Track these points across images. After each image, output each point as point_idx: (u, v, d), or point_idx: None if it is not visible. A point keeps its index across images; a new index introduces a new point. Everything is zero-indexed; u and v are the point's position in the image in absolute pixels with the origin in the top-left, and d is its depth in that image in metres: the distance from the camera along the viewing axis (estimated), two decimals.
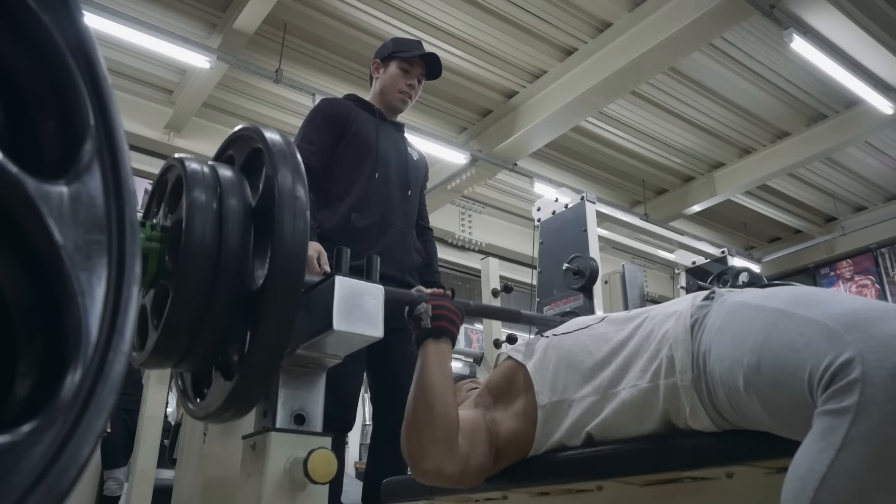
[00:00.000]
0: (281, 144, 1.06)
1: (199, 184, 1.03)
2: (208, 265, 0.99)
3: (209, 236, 1.00)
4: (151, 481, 2.38)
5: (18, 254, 0.32)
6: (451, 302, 1.32)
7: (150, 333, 1.12)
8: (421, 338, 1.27)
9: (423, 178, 2.39)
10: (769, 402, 0.83)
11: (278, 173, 1.01)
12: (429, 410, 1.15)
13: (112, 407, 0.34)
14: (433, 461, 1.13)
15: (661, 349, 1.00)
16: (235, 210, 1.03)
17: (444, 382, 1.19)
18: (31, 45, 0.34)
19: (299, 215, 1.00)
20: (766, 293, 0.93)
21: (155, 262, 1.05)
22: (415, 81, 2.26)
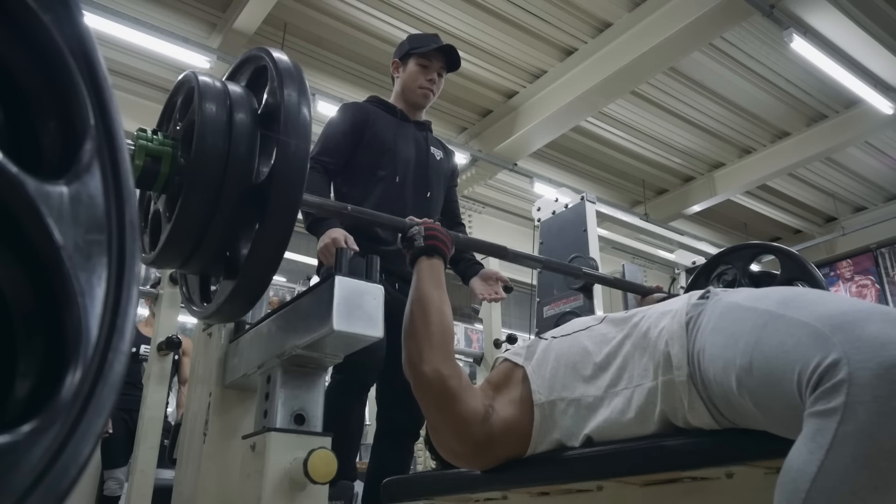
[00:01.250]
0: (285, 61, 1.13)
1: (210, 90, 1.10)
2: (218, 160, 1.05)
3: (219, 134, 1.06)
4: (151, 481, 2.38)
5: (18, 254, 0.32)
6: (441, 227, 1.41)
7: (162, 226, 1.15)
8: (415, 256, 1.34)
9: (449, 178, 2.34)
10: (762, 403, 0.84)
11: (284, 85, 1.08)
12: (425, 317, 1.23)
13: (112, 407, 0.34)
14: (431, 364, 1.18)
15: (658, 346, 1.01)
16: (243, 113, 1.10)
17: (439, 293, 1.27)
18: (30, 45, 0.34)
19: (302, 119, 1.06)
20: (759, 294, 0.94)
21: (168, 163, 1.10)
22: (434, 76, 2.23)
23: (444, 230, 1.40)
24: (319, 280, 1.31)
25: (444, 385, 1.17)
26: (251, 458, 1.31)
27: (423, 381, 1.19)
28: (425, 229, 1.36)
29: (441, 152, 2.31)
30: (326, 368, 1.42)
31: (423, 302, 1.25)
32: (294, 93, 1.08)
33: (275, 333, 1.41)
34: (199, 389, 1.75)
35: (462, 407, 1.17)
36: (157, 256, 1.16)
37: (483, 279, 2.16)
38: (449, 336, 1.23)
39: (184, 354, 4.00)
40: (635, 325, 1.10)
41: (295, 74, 1.11)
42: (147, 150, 1.10)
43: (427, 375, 1.18)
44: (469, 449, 1.20)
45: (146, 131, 1.13)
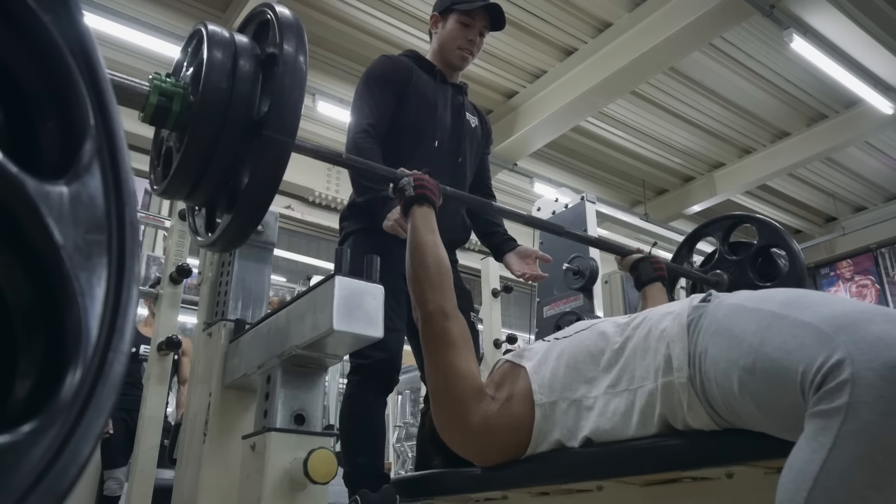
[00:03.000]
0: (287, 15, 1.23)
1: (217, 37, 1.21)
2: (222, 97, 1.15)
3: (224, 75, 1.17)
4: (151, 481, 2.38)
5: (18, 254, 0.32)
6: (429, 178, 1.48)
7: (173, 157, 1.23)
8: (407, 205, 1.43)
9: (483, 145, 2.19)
10: (763, 404, 0.84)
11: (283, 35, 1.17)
12: (423, 262, 1.32)
13: (112, 407, 0.34)
14: (435, 301, 1.27)
15: (659, 348, 1.01)
16: (246, 58, 1.21)
17: (433, 239, 1.37)
18: (30, 45, 0.34)
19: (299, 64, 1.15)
20: (761, 295, 0.94)
21: (179, 102, 1.19)
22: (476, 36, 2.03)
23: (432, 181, 1.47)
24: (320, 280, 1.31)
25: (446, 325, 1.24)
26: (251, 458, 1.31)
27: (427, 318, 1.26)
28: (414, 180, 1.44)
29: (476, 118, 2.15)
30: (326, 368, 1.41)
31: (420, 247, 1.34)
32: (292, 41, 1.17)
33: (275, 333, 1.41)
34: (199, 389, 1.75)
35: (459, 355, 1.22)
36: (167, 186, 1.24)
37: (520, 256, 2.05)
38: (447, 277, 1.32)
39: (184, 354, 4.01)
40: (636, 326, 1.10)
41: (294, 26, 1.20)
42: (161, 90, 1.18)
43: (431, 313, 1.26)
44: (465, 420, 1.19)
45: (160, 74, 1.21)
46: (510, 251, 2.08)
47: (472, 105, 2.19)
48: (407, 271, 1.34)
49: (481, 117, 2.20)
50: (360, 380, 1.77)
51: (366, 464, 1.71)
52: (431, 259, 1.32)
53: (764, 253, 2.25)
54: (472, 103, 2.20)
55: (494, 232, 2.15)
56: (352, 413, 1.78)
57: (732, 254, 2.29)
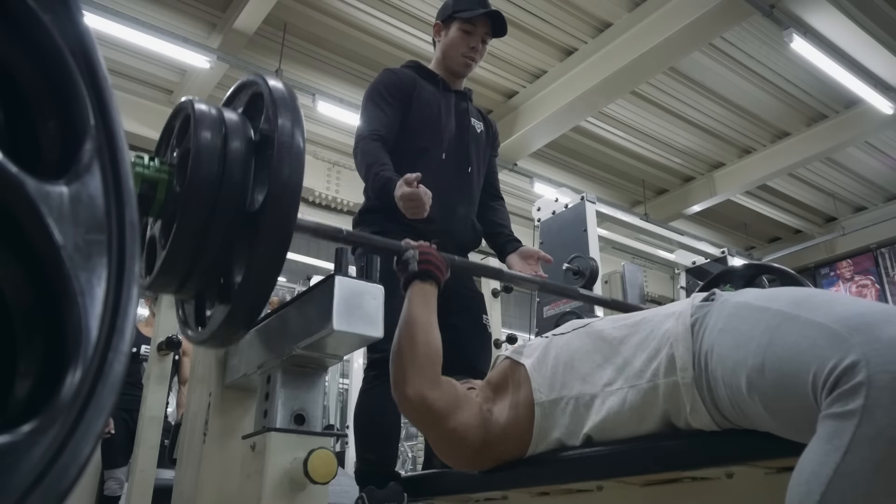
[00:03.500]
0: (281, 89, 1.15)
1: (206, 118, 1.12)
2: (212, 186, 1.08)
3: (214, 161, 1.08)
4: (151, 481, 2.38)
5: (18, 254, 0.32)
6: (436, 252, 1.41)
7: (157, 253, 1.17)
8: (408, 280, 1.35)
9: (490, 150, 2.21)
10: (772, 404, 0.83)
11: (278, 113, 1.10)
12: (411, 339, 1.24)
13: (112, 407, 0.34)
14: (414, 386, 1.19)
15: (661, 348, 1.00)
16: (238, 142, 1.13)
17: (427, 317, 1.28)
18: (30, 45, 0.34)
19: (296, 146, 1.08)
20: (769, 294, 0.93)
21: (164, 190, 1.12)
22: (478, 43, 2.05)
23: (439, 255, 1.40)
24: (320, 280, 1.31)
25: (430, 408, 1.19)
26: (251, 458, 1.31)
27: (408, 405, 1.21)
28: (420, 254, 1.36)
29: (481, 123, 2.16)
30: (326, 368, 1.41)
31: (410, 324, 1.26)
32: (288, 122, 1.09)
33: (275, 333, 1.41)
34: (199, 389, 1.75)
35: (453, 424, 1.18)
36: (152, 282, 1.17)
37: (522, 257, 2.06)
38: (436, 359, 1.23)
39: (184, 354, 4.00)
40: (636, 325, 1.10)
41: (289, 102, 1.12)
42: (143, 177, 1.12)
43: (411, 399, 1.19)
44: (467, 455, 1.22)
45: (143, 158, 1.15)
46: (513, 252, 2.09)
47: (477, 110, 2.20)
48: (393, 344, 1.27)
49: (486, 121, 2.21)
50: (375, 375, 1.76)
51: (376, 461, 1.70)
52: (421, 338, 1.24)
53: None
54: (477, 108, 2.21)
55: (499, 233, 2.15)
56: (367, 409, 1.77)
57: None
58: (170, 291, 1.24)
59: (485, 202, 2.17)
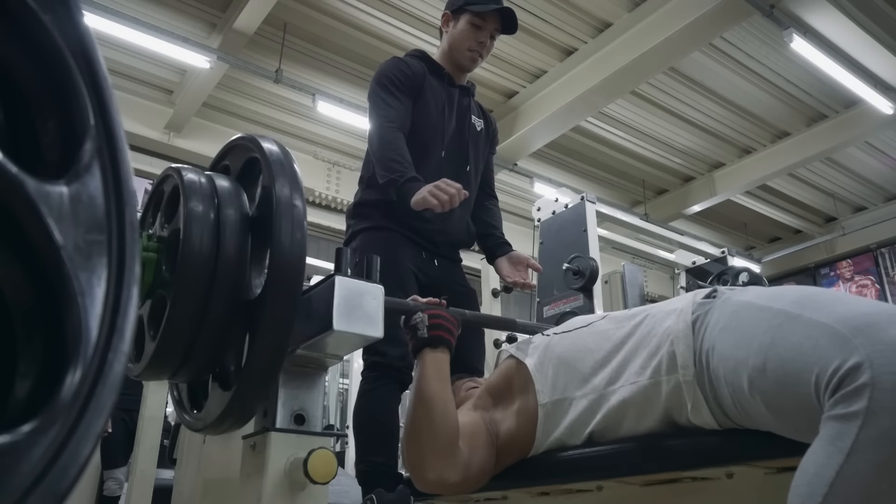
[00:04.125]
0: (277, 153, 1.06)
1: (196, 193, 1.03)
2: (206, 274, 0.99)
3: (207, 245, 1.00)
4: (151, 481, 2.38)
5: (18, 254, 0.32)
6: (446, 311, 1.33)
7: (146, 344, 1.11)
8: (418, 347, 1.27)
9: (489, 149, 2.17)
10: (774, 404, 0.83)
11: (275, 182, 1.01)
12: (429, 420, 1.17)
13: (112, 407, 0.34)
14: (435, 471, 1.14)
15: (662, 346, 1.00)
16: (233, 219, 1.03)
17: (443, 392, 1.20)
18: (30, 45, 0.34)
19: (297, 224, 1.00)
20: (771, 293, 0.93)
21: (151, 272, 1.05)
22: (486, 38, 2.00)
23: (449, 315, 1.32)
24: (320, 280, 1.31)
25: (449, 486, 1.17)
26: (251, 458, 1.30)
27: (428, 486, 1.18)
28: (429, 317, 1.28)
29: (481, 121, 2.12)
30: (326, 368, 1.41)
31: (426, 401, 1.19)
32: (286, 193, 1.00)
33: None
34: None
35: (469, 483, 1.18)
36: (142, 372, 1.11)
37: (511, 262, 2.01)
38: (454, 437, 1.17)
39: None
40: (638, 323, 1.09)
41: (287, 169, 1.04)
42: None
43: (432, 482, 1.17)
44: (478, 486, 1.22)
45: None
46: (503, 255, 2.05)
47: (479, 106, 2.16)
48: (407, 424, 1.21)
49: (487, 118, 2.17)
50: (377, 377, 1.73)
51: (381, 463, 1.68)
52: (439, 416, 1.16)
53: None
54: (479, 104, 2.17)
55: (490, 234, 2.10)
56: (367, 411, 1.75)
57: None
58: (162, 379, 1.18)
59: (479, 201, 2.14)
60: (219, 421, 1.11)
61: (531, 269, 2.01)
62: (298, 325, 1.31)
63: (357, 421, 1.77)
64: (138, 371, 1.13)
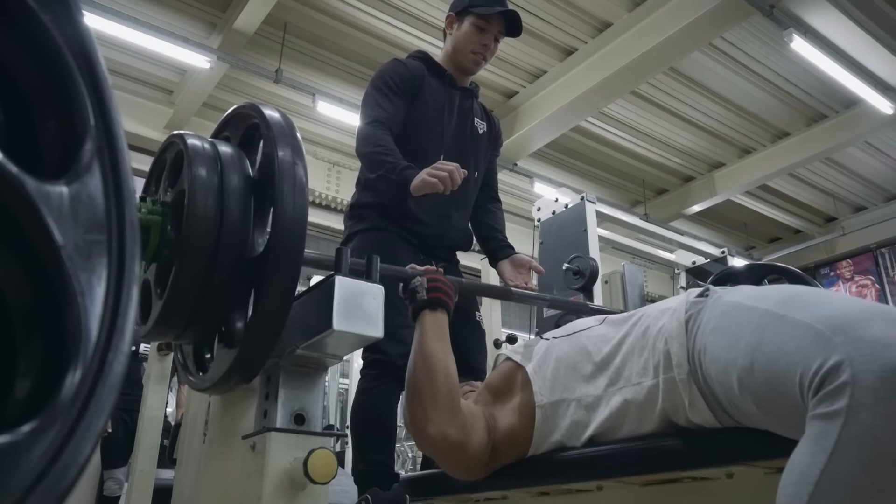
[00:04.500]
0: (278, 119, 1.09)
1: (200, 156, 1.05)
2: (211, 233, 1.02)
3: (211, 205, 1.02)
4: (151, 481, 2.38)
5: (18, 254, 0.32)
6: (444, 276, 1.36)
7: (153, 303, 1.12)
8: (418, 309, 1.30)
9: (491, 151, 2.15)
10: (764, 404, 0.84)
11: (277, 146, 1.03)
12: (430, 376, 1.20)
13: (112, 407, 0.34)
14: (436, 425, 1.16)
15: (658, 345, 1.01)
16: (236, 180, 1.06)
17: (444, 349, 1.23)
18: (30, 45, 0.34)
19: (299, 184, 1.02)
20: (759, 293, 0.93)
21: (157, 234, 1.07)
22: (490, 41, 1.99)
23: (447, 280, 1.35)
24: (320, 280, 1.31)
25: (450, 444, 1.17)
26: (251, 458, 1.30)
27: (429, 442, 1.19)
28: (428, 281, 1.31)
29: (485, 123, 2.10)
30: (326, 368, 1.41)
31: (427, 359, 1.22)
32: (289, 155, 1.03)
33: None
34: None
35: (469, 452, 1.18)
36: (149, 332, 1.12)
37: (514, 265, 2.00)
38: (455, 394, 1.20)
39: None
40: (634, 324, 1.10)
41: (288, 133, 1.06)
42: None
43: (433, 437, 1.17)
44: (475, 472, 1.22)
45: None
46: (505, 258, 2.04)
47: (483, 108, 2.15)
48: (408, 381, 1.24)
49: (490, 121, 2.15)
50: (377, 375, 1.72)
51: (379, 462, 1.67)
52: (440, 373, 1.20)
53: None
54: (482, 105, 2.16)
55: (492, 237, 2.09)
56: (367, 409, 1.73)
57: None
58: (168, 339, 1.20)
59: (482, 204, 2.13)
60: (224, 378, 1.12)
61: (533, 271, 2.00)
62: (300, 319, 1.32)
63: (355, 419, 1.77)
64: (145, 331, 1.14)
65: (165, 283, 1.07)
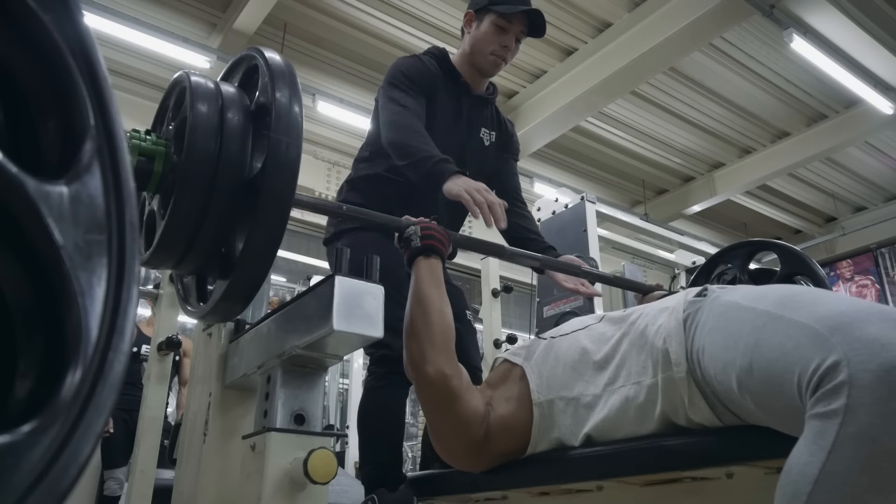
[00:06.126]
0: (277, 60, 1.14)
1: (202, 89, 1.12)
2: (211, 154, 1.07)
3: (211, 129, 1.08)
4: (151, 481, 2.38)
5: (18, 254, 0.32)
6: (438, 226, 1.38)
7: (157, 223, 1.15)
8: (412, 256, 1.33)
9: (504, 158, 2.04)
10: (763, 404, 0.84)
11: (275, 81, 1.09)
12: (426, 317, 1.24)
13: (112, 407, 0.34)
14: (434, 364, 1.19)
15: (656, 344, 1.01)
16: (234, 111, 1.12)
17: (439, 293, 1.27)
18: (31, 45, 0.34)
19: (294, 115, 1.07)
20: (757, 293, 0.94)
21: (161, 161, 1.11)
22: (511, 42, 1.86)
23: (442, 229, 1.37)
24: (320, 280, 1.31)
25: (448, 385, 1.17)
26: (251, 458, 1.31)
27: (427, 381, 1.19)
28: (422, 229, 1.34)
29: (494, 133, 1.99)
30: (326, 368, 1.41)
31: (423, 303, 1.25)
32: (285, 90, 1.08)
33: (275, 333, 1.41)
34: (199, 389, 1.75)
35: (464, 406, 1.17)
36: (151, 256, 1.16)
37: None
38: (450, 336, 1.23)
39: (184, 355, 4.01)
40: (633, 322, 1.10)
41: (286, 72, 1.12)
42: (140, 150, 1.11)
43: (430, 375, 1.18)
44: (468, 448, 1.20)
45: (139, 132, 1.13)
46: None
47: (496, 114, 2.04)
48: (406, 326, 1.26)
49: (502, 128, 2.05)
50: (385, 372, 1.66)
51: (387, 463, 1.63)
52: (436, 315, 1.24)
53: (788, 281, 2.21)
54: (497, 112, 2.05)
55: (532, 239, 1.95)
56: (375, 407, 1.68)
57: (753, 282, 2.24)
58: (169, 266, 1.22)
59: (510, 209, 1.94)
60: (223, 299, 1.14)
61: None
62: (300, 320, 1.32)
63: (363, 419, 1.71)
64: (147, 256, 1.17)
65: (168, 206, 1.11)
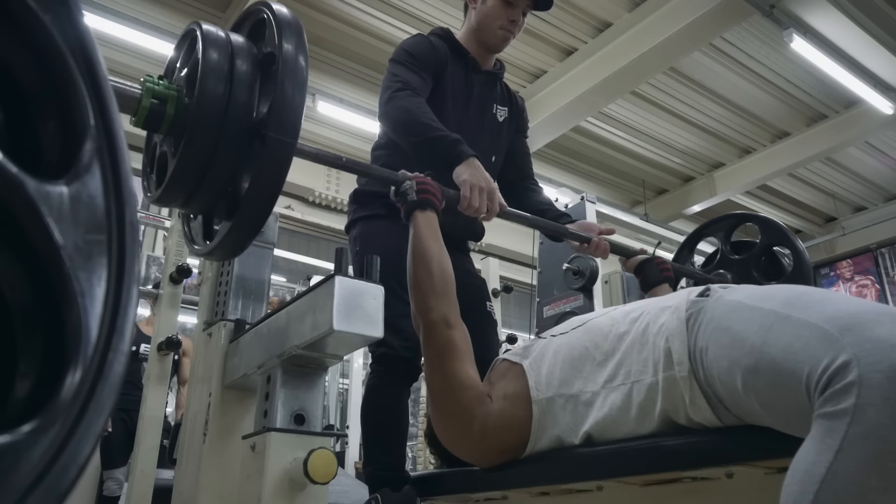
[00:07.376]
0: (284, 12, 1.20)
1: (213, 36, 1.19)
2: (220, 97, 1.13)
3: (221, 73, 1.14)
4: (151, 481, 2.38)
5: (18, 254, 0.32)
6: (432, 181, 1.45)
7: (168, 162, 1.19)
8: (409, 210, 1.40)
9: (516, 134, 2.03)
10: (768, 403, 0.84)
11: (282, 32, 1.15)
12: (426, 270, 1.30)
13: (112, 407, 0.34)
14: (437, 311, 1.26)
15: (658, 343, 1.01)
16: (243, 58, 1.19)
17: (438, 246, 1.35)
18: (31, 46, 0.34)
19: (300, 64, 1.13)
20: (762, 293, 0.94)
21: (173, 104, 1.15)
22: (518, 16, 1.85)
23: (435, 184, 1.44)
24: (320, 280, 1.31)
25: (451, 336, 1.24)
26: (251, 458, 1.31)
27: (431, 328, 1.25)
28: (417, 183, 1.42)
29: (506, 109, 1.98)
30: (326, 368, 1.41)
31: (423, 255, 1.32)
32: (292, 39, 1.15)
33: (275, 333, 1.41)
34: (199, 389, 1.75)
35: (460, 364, 1.22)
36: (162, 193, 1.21)
37: (583, 229, 1.89)
38: (451, 286, 1.30)
39: (184, 355, 4.01)
40: (634, 320, 1.10)
41: (293, 24, 1.18)
42: (154, 93, 1.14)
43: (436, 323, 1.25)
44: (466, 427, 1.19)
45: (152, 76, 1.18)
46: (570, 223, 1.90)
47: (506, 89, 2.03)
48: (409, 278, 1.32)
49: (513, 103, 2.03)
50: (386, 370, 1.65)
51: (391, 462, 1.61)
52: (436, 266, 1.31)
53: (767, 252, 2.24)
54: (506, 87, 2.04)
55: (545, 210, 1.94)
56: (377, 406, 1.67)
57: (735, 253, 2.28)
58: (177, 204, 1.26)
59: (520, 186, 2.00)
60: (230, 234, 1.18)
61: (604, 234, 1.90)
62: (300, 319, 1.32)
63: (365, 419, 1.70)
64: (158, 194, 1.21)
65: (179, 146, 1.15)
